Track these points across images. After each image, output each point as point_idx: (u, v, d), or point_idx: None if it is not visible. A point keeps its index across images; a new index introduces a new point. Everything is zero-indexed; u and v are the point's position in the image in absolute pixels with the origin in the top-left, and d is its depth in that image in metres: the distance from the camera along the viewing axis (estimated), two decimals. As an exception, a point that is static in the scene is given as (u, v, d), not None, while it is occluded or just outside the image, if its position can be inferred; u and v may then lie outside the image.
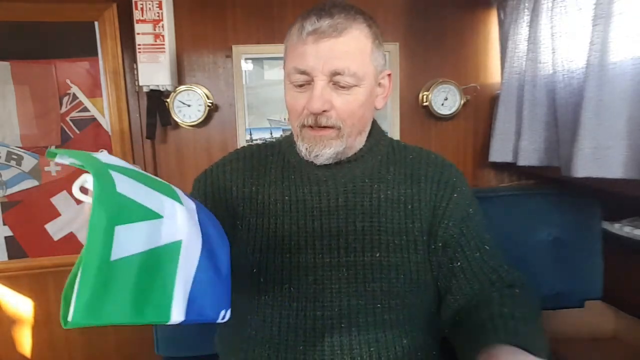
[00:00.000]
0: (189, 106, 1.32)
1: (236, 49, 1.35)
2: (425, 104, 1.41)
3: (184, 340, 1.07)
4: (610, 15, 0.86)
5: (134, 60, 1.29)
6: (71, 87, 1.31)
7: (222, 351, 0.77)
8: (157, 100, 1.30)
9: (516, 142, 1.26)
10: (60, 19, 1.27)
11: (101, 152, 0.37)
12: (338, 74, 0.63)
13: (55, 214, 1.34)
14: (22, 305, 1.37)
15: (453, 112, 1.41)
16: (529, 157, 1.20)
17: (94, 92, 1.32)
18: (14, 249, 1.33)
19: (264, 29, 1.37)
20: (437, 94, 1.40)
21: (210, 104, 1.32)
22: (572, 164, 0.95)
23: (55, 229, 1.35)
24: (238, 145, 1.38)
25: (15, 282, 1.35)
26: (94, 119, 1.33)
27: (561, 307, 1.29)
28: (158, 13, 1.22)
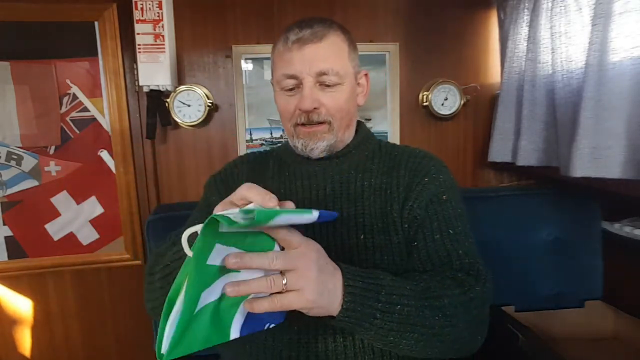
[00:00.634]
0: (189, 106, 1.32)
1: (236, 49, 1.35)
2: (425, 104, 1.41)
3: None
4: (610, 15, 0.86)
5: (134, 60, 1.30)
6: (71, 87, 1.31)
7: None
8: (157, 100, 1.30)
9: (516, 142, 1.26)
10: (60, 19, 1.27)
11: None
12: (324, 74, 0.72)
13: (55, 214, 1.34)
14: (22, 305, 1.37)
15: (453, 112, 1.41)
16: (529, 157, 1.20)
17: (94, 92, 1.32)
18: (14, 249, 1.33)
19: (264, 29, 1.37)
20: (437, 94, 1.40)
21: (210, 104, 1.33)
22: (571, 163, 0.95)
23: (55, 229, 1.35)
24: (238, 145, 1.39)
25: (15, 282, 1.35)
26: (94, 119, 1.33)
27: (561, 307, 1.29)
28: (158, 13, 1.22)
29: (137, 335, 1.42)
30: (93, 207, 1.36)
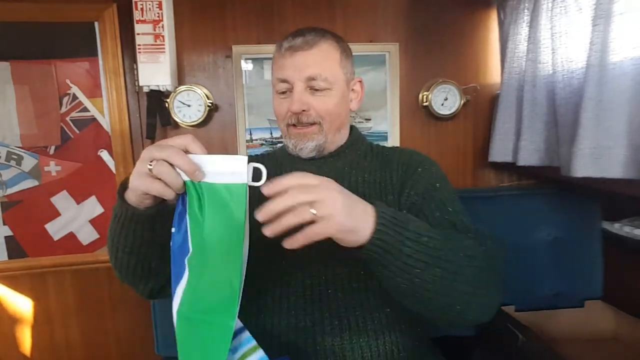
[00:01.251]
0: (189, 106, 1.32)
1: (236, 49, 1.35)
2: (425, 104, 1.41)
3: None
4: (610, 15, 0.86)
5: (134, 60, 1.29)
6: (71, 87, 1.31)
7: None
8: (157, 101, 1.30)
9: (516, 142, 1.26)
10: (60, 19, 1.27)
11: None
12: (313, 79, 0.78)
13: (55, 214, 1.34)
14: (22, 305, 1.37)
15: (453, 112, 1.41)
16: (529, 157, 1.20)
17: (94, 92, 1.32)
18: (14, 248, 1.33)
19: (264, 29, 1.37)
20: (437, 94, 1.40)
21: (210, 104, 1.32)
22: (571, 164, 0.95)
23: (55, 229, 1.35)
24: (238, 145, 1.39)
25: (15, 282, 1.35)
26: (94, 119, 1.33)
27: (561, 306, 1.29)
28: (158, 13, 1.22)
29: (137, 335, 1.42)
30: (93, 207, 1.36)
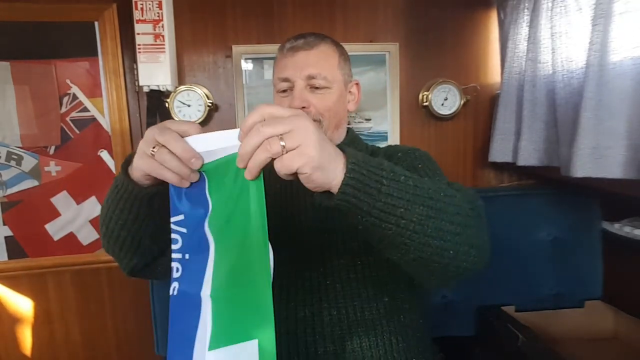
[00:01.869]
0: (189, 106, 1.32)
1: (236, 49, 1.35)
2: (425, 104, 1.41)
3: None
4: (610, 15, 0.86)
5: (134, 60, 1.29)
6: (71, 87, 1.31)
7: None
8: (157, 100, 1.30)
9: (516, 142, 1.26)
10: (60, 19, 1.27)
11: None
12: (312, 77, 0.81)
13: (55, 214, 1.34)
14: (22, 305, 1.37)
15: (453, 112, 1.41)
16: (529, 157, 1.20)
17: (94, 92, 1.32)
18: (14, 249, 1.33)
19: (264, 29, 1.37)
20: (437, 94, 1.40)
21: (210, 104, 1.33)
22: (571, 164, 0.95)
23: (55, 229, 1.35)
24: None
25: (15, 282, 1.35)
26: (94, 119, 1.33)
27: (561, 307, 1.29)
28: (158, 13, 1.22)
29: (137, 335, 1.42)
30: (93, 207, 1.36)
